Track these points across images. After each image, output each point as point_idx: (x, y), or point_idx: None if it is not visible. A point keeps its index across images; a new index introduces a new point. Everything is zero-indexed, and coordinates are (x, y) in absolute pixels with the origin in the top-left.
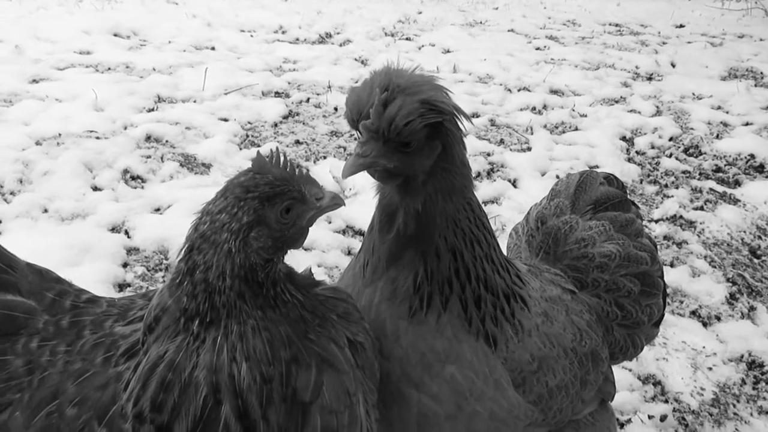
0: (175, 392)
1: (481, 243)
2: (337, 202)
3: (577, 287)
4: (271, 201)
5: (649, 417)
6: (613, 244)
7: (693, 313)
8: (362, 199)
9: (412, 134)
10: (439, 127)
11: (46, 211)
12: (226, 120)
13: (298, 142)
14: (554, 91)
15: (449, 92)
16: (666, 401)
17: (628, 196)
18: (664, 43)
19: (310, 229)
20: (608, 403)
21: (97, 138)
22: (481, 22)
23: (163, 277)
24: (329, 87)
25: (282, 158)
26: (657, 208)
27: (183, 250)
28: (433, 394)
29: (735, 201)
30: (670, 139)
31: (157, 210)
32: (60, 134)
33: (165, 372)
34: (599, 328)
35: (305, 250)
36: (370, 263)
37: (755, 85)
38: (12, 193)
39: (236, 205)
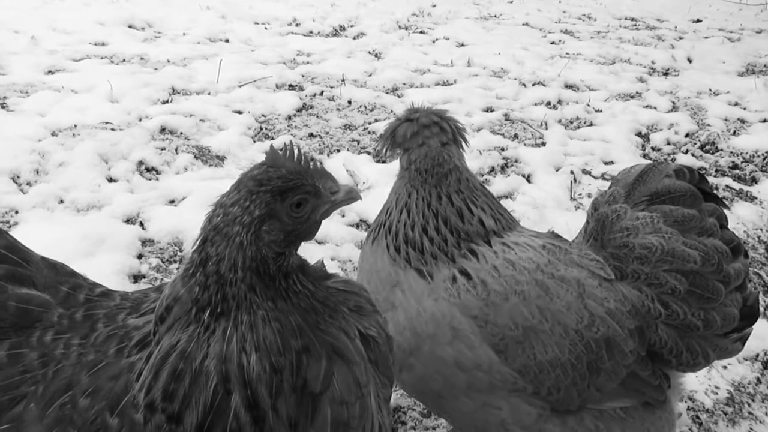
0: (186, 381)
1: (411, 214)
2: (352, 196)
3: (617, 276)
4: (284, 195)
5: None
6: (657, 236)
7: None
8: (375, 193)
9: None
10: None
11: (61, 201)
12: (240, 112)
13: (311, 135)
14: (569, 86)
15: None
16: (680, 399)
17: (707, 191)
18: (680, 38)
19: (323, 222)
20: (657, 408)
21: (113, 129)
22: (495, 16)
23: (177, 268)
24: (343, 80)
25: (296, 152)
26: None
27: (197, 242)
28: (391, 320)
29: (752, 198)
30: (687, 136)
31: (172, 202)
32: (75, 125)
33: (176, 361)
34: (629, 321)
35: (319, 243)
36: None
37: None
38: (28, 184)
39: (248, 198)
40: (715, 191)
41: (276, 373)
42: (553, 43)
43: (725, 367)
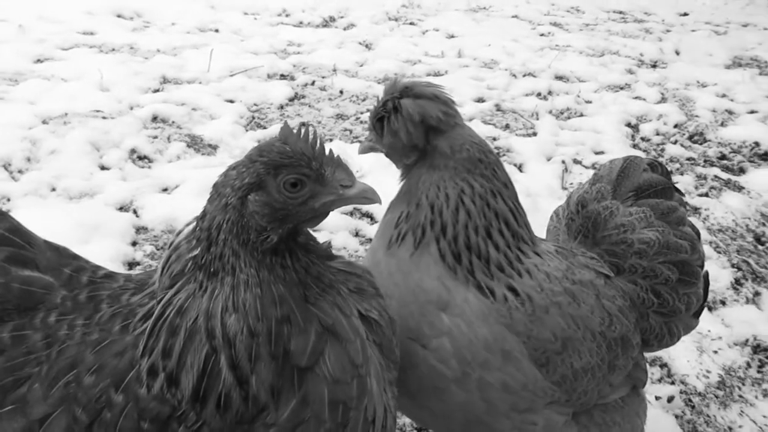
0: (180, 336)
1: (472, 215)
2: (367, 196)
3: (613, 272)
4: (277, 170)
5: (657, 398)
6: (652, 231)
7: None
8: (369, 181)
9: (375, 126)
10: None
11: (54, 189)
12: (232, 101)
13: (304, 124)
14: (559, 77)
15: (422, 95)
16: (672, 383)
17: (673, 183)
18: (668, 31)
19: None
20: (640, 389)
21: (104, 118)
22: (484, 8)
23: None
24: (334, 70)
25: (310, 134)
26: None
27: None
28: (434, 348)
29: (739, 188)
30: (675, 126)
31: (165, 190)
32: (66, 113)
33: (174, 317)
34: (632, 314)
35: (313, 230)
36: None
37: (760, 74)
38: (20, 171)
39: (246, 164)
40: (704, 181)
41: (252, 336)
42: (542, 35)
43: (716, 352)
